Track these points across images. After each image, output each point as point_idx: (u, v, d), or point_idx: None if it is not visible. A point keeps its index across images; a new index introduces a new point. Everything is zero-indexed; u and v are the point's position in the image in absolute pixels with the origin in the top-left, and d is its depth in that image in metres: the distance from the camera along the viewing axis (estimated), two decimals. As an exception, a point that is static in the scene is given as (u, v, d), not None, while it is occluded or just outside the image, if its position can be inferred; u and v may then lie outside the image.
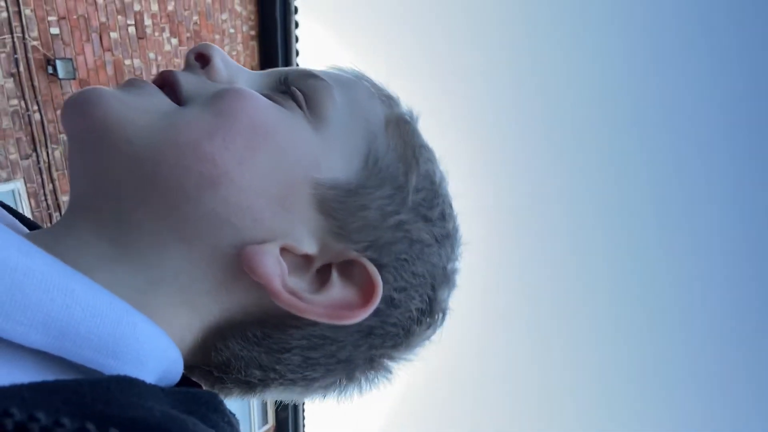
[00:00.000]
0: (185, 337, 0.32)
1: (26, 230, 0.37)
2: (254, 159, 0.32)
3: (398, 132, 0.38)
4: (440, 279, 0.38)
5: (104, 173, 0.32)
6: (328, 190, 0.34)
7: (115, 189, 0.31)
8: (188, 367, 0.34)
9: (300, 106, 0.36)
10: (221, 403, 0.29)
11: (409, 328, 0.37)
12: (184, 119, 0.33)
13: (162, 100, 0.34)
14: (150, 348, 0.27)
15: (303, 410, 6.04)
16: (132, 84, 0.35)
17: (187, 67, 0.38)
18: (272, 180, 0.33)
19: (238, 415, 0.30)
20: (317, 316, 0.32)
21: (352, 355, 0.36)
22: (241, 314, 0.34)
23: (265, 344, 0.34)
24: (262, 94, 0.36)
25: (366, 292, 0.34)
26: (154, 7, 4.08)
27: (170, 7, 4.17)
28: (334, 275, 0.34)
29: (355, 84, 0.40)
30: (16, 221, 0.37)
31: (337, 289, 0.34)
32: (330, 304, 0.33)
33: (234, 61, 0.39)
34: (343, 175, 0.35)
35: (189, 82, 0.36)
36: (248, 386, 0.36)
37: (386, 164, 0.37)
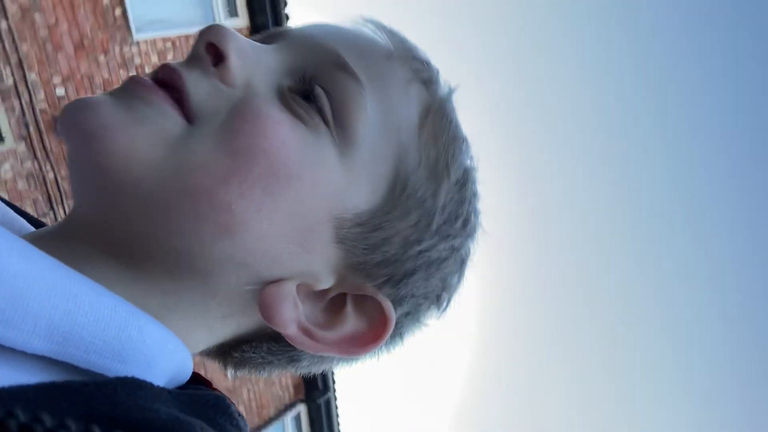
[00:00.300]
0: (199, 347, 0.33)
1: (32, 229, 0.37)
2: (274, 205, 0.30)
3: (432, 133, 0.35)
4: (452, 276, 0.38)
5: (111, 210, 0.30)
6: (350, 228, 0.33)
7: (125, 225, 0.29)
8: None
9: (326, 121, 0.32)
10: (229, 406, 0.29)
11: (414, 324, 0.39)
12: (196, 159, 0.29)
13: (170, 120, 0.30)
14: (158, 351, 0.27)
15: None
16: (134, 95, 0.30)
17: (195, 59, 0.32)
18: (292, 223, 0.31)
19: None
20: (328, 353, 0.34)
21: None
22: (256, 332, 0.35)
23: (278, 355, 0.36)
24: (281, 96, 0.32)
25: (377, 327, 0.34)
26: (154, 59, 4.19)
27: (169, 57, 4.27)
28: (349, 307, 0.34)
29: (389, 70, 0.35)
30: (24, 221, 0.37)
31: (350, 323, 0.34)
32: (341, 340, 0.33)
33: (248, 42, 0.33)
34: (368, 206, 0.33)
35: (199, 91, 0.31)
36: (256, 372, 0.38)
37: (414, 187, 0.34)
